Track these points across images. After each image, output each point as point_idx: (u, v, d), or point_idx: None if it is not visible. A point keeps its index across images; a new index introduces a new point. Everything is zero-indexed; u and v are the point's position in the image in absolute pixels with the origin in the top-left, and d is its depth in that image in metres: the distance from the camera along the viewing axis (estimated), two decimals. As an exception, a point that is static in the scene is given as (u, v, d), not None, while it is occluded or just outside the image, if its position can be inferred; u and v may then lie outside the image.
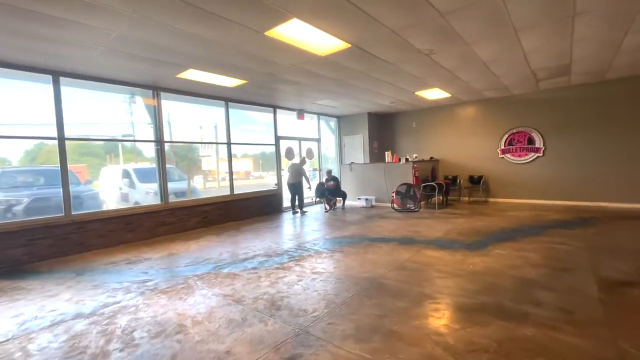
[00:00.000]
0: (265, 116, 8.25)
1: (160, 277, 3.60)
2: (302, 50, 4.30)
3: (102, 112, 5.81)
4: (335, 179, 8.60)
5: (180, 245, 5.06)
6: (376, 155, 10.10)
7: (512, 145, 8.12)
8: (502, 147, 8.27)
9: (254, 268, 3.79)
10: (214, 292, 3.09)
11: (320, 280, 3.28)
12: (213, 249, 4.78)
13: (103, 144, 6.31)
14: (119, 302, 2.97)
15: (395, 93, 7.31)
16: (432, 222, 6.01)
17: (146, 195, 6.65)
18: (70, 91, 5.07)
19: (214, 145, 7.60)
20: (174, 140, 6.36)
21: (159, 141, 5.95)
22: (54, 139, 4.77)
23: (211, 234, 5.84)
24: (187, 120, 7.00)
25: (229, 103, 7.13)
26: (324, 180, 8.69)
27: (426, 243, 4.54)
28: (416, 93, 7.37)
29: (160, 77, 5.31)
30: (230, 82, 5.71)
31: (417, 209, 7.44)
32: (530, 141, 7.86)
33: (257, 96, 7.02)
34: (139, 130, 6.18)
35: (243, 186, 8.23)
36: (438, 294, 2.85)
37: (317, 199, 8.44)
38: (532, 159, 7.87)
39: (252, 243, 5.03)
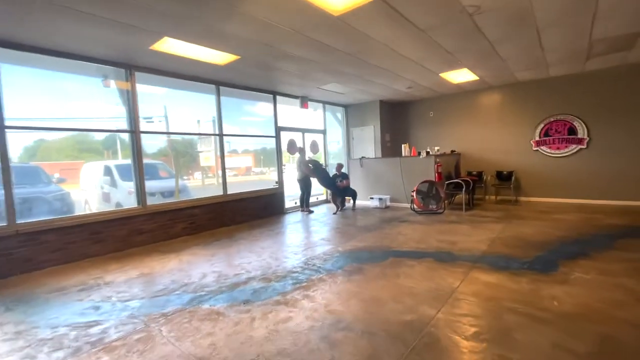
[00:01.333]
0: (266, 107, 7.16)
1: (113, 317, 2.57)
2: (309, 4, 3.21)
3: (64, 98, 4.74)
4: (346, 176, 7.55)
5: (156, 262, 4.03)
6: (389, 149, 9.02)
7: (549, 136, 7.02)
8: (537, 138, 7.17)
9: (245, 302, 2.75)
10: (183, 351, 2.06)
11: (341, 329, 2.24)
12: (196, 266, 3.75)
13: (102, 139, 5.24)
14: (36, 369, 1.95)
15: (417, 75, 6.21)
16: (465, 229, 4.96)
17: (128, 195, 5.62)
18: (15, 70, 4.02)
19: (212, 138, 6.55)
20: (151, 130, 5.29)
21: (134, 131, 4.89)
22: (-9, 127, 3.72)
23: (198, 244, 4.81)
24: (176, 110, 5.92)
25: (221, 87, 6.06)
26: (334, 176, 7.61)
27: (472, 260, 3.49)
28: (441, 75, 6.27)
29: (132, 50, 4.23)
30: (219, 57, 4.63)
31: (441, 211, 6.39)
32: (572, 131, 6.76)
33: (254, 79, 5.94)
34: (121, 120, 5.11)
35: (244, 182, 7.27)
36: (530, 360, 1.81)
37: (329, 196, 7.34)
38: (573, 151, 6.77)
39: (247, 258, 3.99)
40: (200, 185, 6.74)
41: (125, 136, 4.98)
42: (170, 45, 4.11)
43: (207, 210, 5.79)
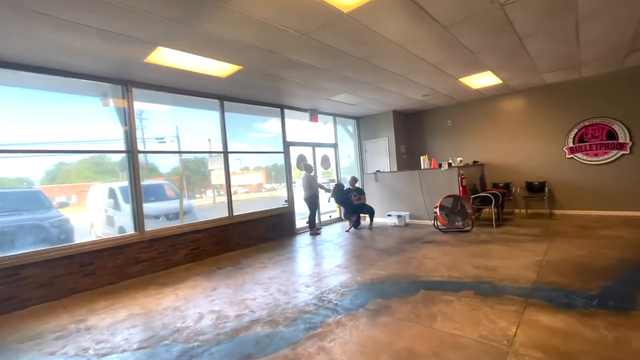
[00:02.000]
0: (274, 123, 6.77)
1: (83, 382, 2.07)
2: (317, 2, 2.80)
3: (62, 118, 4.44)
4: (362, 191, 7.01)
5: (150, 298, 3.54)
6: (404, 162, 8.46)
7: (585, 142, 6.35)
8: (571, 144, 6.51)
9: (247, 357, 2.20)
10: None
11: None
12: (194, 304, 3.24)
13: (119, 160, 4.99)
14: None
15: (435, 80, 5.73)
16: (501, 250, 4.31)
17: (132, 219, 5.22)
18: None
19: (222, 156, 6.19)
20: (149, 150, 4.92)
21: (130, 151, 4.53)
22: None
23: (199, 274, 4.31)
24: (186, 129, 5.62)
25: (225, 102, 5.71)
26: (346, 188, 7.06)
27: (522, 293, 2.86)
28: (460, 80, 5.77)
29: (126, 63, 3.91)
30: (219, 68, 4.27)
31: (468, 228, 5.74)
32: (611, 135, 6.09)
33: (259, 91, 5.57)
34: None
35: (255, 199, 6.86)
36: None
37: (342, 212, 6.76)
38: (614, 157, 6.07)
39: (252, 292, 3.46)
40: (212, 203, 6.34)
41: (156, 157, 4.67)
42: (165, 57, 3.76)
43: (212, 234, 5.32)
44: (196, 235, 5.11)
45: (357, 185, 7.07)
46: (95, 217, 5.83)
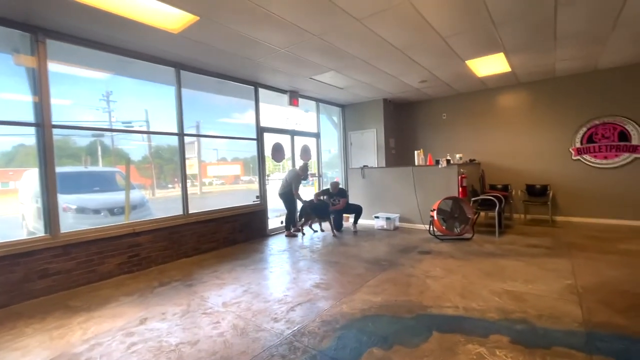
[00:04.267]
0: (248, 105, 5.67)
1: None
2: None
3: None
4: (344, 193, 6.06)
5: (44, 335, 2.43)
6: (393, 157, 7.62)
7: (594, 143, 5.73)
8: (578, 145, 5.88)
9: None
10: None
11: None
12: (101, 351, 2.17)
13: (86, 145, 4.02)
14: None
15: (439, 63, 4.87)
16: (518, 268, 3.51)
17: (63, 212, 4.00)
18: None
19: (195, 145, 5.11)
20: (67, 125, 3.69)
21: (40, 125, 3.32)
22: None
23: (132, 293, 3.22)
24: (157, 113, 4.50)
25: (182, 72, 4.55)
26: (318, 193, 6.10)
27: (579, 346, 2.02)
28: (467, 62, 4.94)
29: (22, -3, 2.72)
30: (167, 16, 3.15)
31: (469, 236, 4.96)
32: (623, 136, 5.49)
33: (227, 59, 4.45)
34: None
35: (227, 192, 6.08)
36: None
37: (301, 222, 5.80)
38: (626, 161, 5.49)
39: (195, 328, 2.43)
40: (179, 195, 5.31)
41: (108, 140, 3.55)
42: (80, -14, 2.61)
43: (159, 236, 4.21)
44: (136, 239, 3.97)
45: (341, 186, 6.14)
46: (27, 208, 4.56)
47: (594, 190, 5.74)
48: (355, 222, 5.97)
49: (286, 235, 5.67)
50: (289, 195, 5.67)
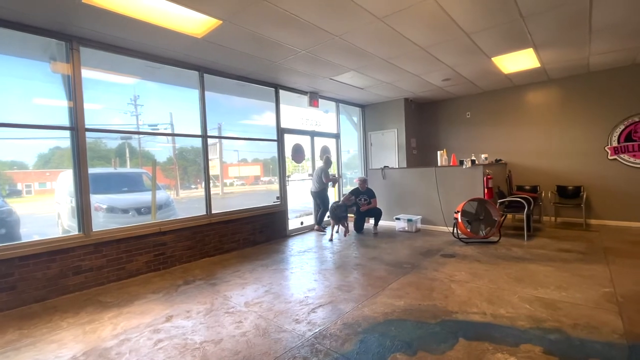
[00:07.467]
0: (269, 111, 5.74)
1: None
2: None
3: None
4: (372, 193, 5.94)
5: (77, 329, 2.55)
6: (415, 157, 7.47)
7: (633, 141, 5.38)
8: (615, 143, 5.53)
9: None
10: None
11: None
12: (129, 346, 2.25)
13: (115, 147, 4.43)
14: None
15: (463, 60, 4.73)
16: (550, 274, 3.34)
17: (95, 212, 4.22)
18: None
19: (217, 146, 5.27)
20: (99, 128, 3.86)
21: (74, 128, 3.50)
22: None
23: (159, 290, 3.32)
24: (181, 115, 4.72)
25: (205, 75, 4.66)
26: (345, 196, 5.96)
27: (617, 358, 1.89)
28: (493, 59, 4.76)
29: (64, 5, 2.86)
30: (191, 21, 3.24)
31: (496, 239, 4.78)
32: (666, 134, 5.12)
33: (248, 62, 4.52)
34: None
35: (249, 192, 6.30)
36: None
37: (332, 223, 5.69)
38: (669, 161, 5.11)
39: (218, 327, 2.47)
40: (197, 196, 5.49)
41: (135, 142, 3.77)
42: (111, -4, 2.72)
43: (183, 236, 4.32)
44: (162, 238, 4.10)
45: (368, 186, 6.04)
46: (63, 208, 4.84)
47: (632, 192, 5.38)
48: (376, 224, 5.89)
49: (316, 230, 6.14)
50: (323, 193, 5.95)
